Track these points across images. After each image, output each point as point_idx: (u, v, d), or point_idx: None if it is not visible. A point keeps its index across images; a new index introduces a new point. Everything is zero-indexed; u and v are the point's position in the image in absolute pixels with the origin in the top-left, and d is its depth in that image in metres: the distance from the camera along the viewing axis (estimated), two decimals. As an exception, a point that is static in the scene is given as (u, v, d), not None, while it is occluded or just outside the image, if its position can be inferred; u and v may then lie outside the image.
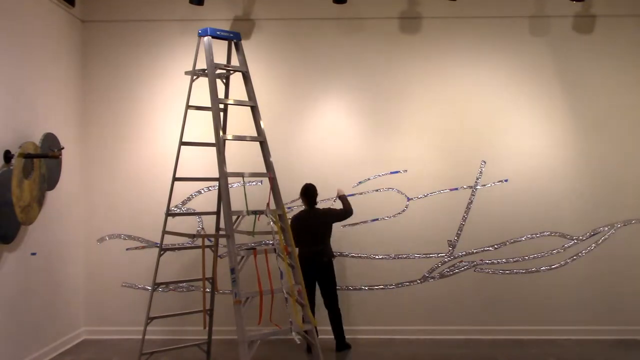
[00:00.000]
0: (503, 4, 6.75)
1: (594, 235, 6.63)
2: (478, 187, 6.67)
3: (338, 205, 6.27)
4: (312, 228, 5.99)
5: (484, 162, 6.68)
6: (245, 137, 5.34)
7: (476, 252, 6.64)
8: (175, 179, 5.23)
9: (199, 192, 6.65)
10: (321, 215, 6.08)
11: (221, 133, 4.96)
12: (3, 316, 5.05)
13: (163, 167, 6.46)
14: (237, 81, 5.47)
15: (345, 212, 6.13)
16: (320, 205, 6.29)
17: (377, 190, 6.69)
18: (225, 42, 5.45)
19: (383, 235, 6.64)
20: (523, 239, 6.64)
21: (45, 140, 5.51)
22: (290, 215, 6.09)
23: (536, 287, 6.62)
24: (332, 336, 6.10)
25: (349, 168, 6.67)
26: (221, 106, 5.33)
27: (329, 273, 6.01)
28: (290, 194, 6.53)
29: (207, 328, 5.39)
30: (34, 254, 5.51)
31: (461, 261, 6.63)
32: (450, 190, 6.67)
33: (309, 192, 6.10)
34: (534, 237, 6.64)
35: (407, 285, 6.65)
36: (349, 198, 6.36)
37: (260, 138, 5.20)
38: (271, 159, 5.18)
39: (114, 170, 6.69)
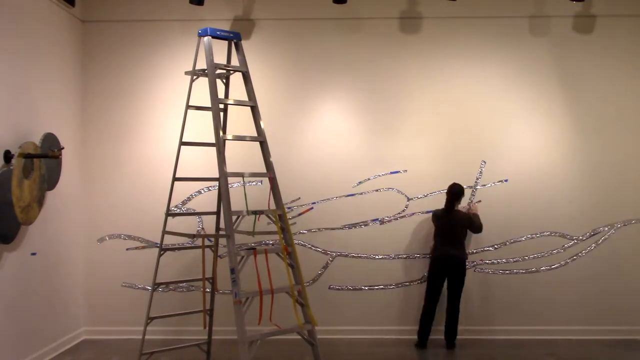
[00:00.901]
0: (503, 4, 6.75)
1: (594, 235, 6.63)
2: (478, 187, 6.67)
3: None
4: (452, 229, 6.18)
5: (484, 162, 6.68)
6: (245, 137, 5.34)
7: (476, 252, 6.64)
8: (175, 179, 5.23)
9: (199, 192, 6.65)
10: (461, 218, 6.24)
11: (221, 133, 4.96)
12: (3, 316, 5.05)
13: (163, 167, 6.46)
14: (237, 81, 5.47)
15: (477, 228, 6.31)
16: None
17: (377, 190, 6.69)
18: (225, 42, 5.45)
19: (383, 235, 6.64)
20: (523, 239, 6.64)
21: (45, 140, 5.51)
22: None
23: (536, 287, 6.62)
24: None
25: (349, 168, 6.67)
26: (221, 106, 5.33)
27: (463, 272, 6.16)
28: (290, 194, 6.54)
29: (207, 328, 5.39)
30: (34, 254, 5.51)
31: (461, 261, 6.63)
32: (450, 190, 6.67)
33: (455, 191, 6.25)
34: (534, 237, 6.64)
35: (407, 285, 6.65)
36: (349, 198, 6.38)
37: (260, 138, 5.20)
38: (271, 159, 5.18)
39: (114, 170, 6.69)
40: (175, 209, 6.54)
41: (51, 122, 5.88)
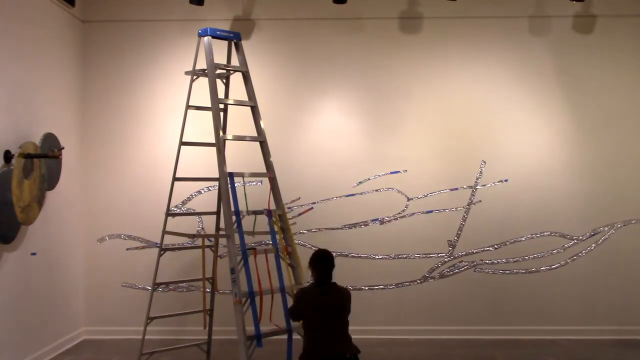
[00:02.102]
0: (503, 4, 6.76)
1: (594, 235, 6.63)
2: (478, 187, 6.67)
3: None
4: (331, 311, 4.01)
5: (484, 162, 6.68)
6: (245, 137, 5.34)
7: (476, 252, 6.64)
8: (175, 179, 5.23)
9: (199, 192, 6.65)
10: (341, 293, 4.12)
11: (221, 133, 4.96)
12: (3, 316, 5.05)
13: (163, 167, 6.46)
14: (237, 81, 5.47)
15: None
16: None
17: (377, 190, 6.68)
18: (225, 42, 5.45)
19: (383, 235, 6.64)
20: (523, 239, 6.64)
21: (45, 140, 5.51)
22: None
23: (536, 287, 6.62)
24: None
25: (349, 168, 6.67)
26: (221, 106, 5.33)
27: None
28: (290, 194, 6.53)
29: (207, 328, 5.39)
30: (34, 254, 5.51)
31: (461, 261, 6.63)
32: (450, 190, 6.67)
33: (327, 261, 4.05)
34: (534, 237, 6.63)
35: (407, 285, 6.65)
36: (349, 198, 6.48)
37: (260, 138, 5.20)
38: (271, 159, 5.18)
39: (114, 170, 6.69)
40: (175, 209, 6.54)
41: (51, 122, 5.88)
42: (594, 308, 6.59)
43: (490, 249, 6.64)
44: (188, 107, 5.21)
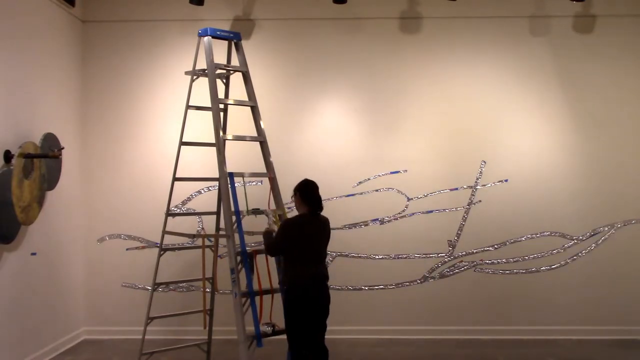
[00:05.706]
0: (503, 4, 6.76)
1: (594, 235, 6.63)
2: (478, 187, 6.67)
3: None
4: (319, 238, 4.45)
5: (484, 162, 6.68)
6: (245, 137, 5.35)
7: (476, 252, 6.64)
8: (175, 179, 5.23)
9: (199, 192, 6.65)
10: (326, 223, 4.55)
11: (221, 133, 4.97)
12: (3, 316, 5.05)
13: (163, 167, 6.46)
14: (237, 81, 5.48)
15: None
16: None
17: (377, 190, 6.69)
18: (225, 42, 5.45)
19: (383, 235, 6.64)
20: (523, 239, 6.64)
21: (45, 140, 5.52)
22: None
23: (536, 287, 6.62)
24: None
25: (349, 168, 6.67)
26: (221, 106, 5.33)
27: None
28: (290, 194, 6.51)
29: (207, 328, 5.39)
30: (34, 254, 5.51)
31: (461, 261, 6.63)
32: (450, 190, 6.67)
33: (317, 189, 4.56)
34: (534, 237, 6.63)
35: (407, 285, 6.65)
36: (349, 198, 6.50)
37: (260, 138, 5.20)
38: (271, 159, 5.19)
39: (114, 170, 6.69)
40: (175, 209, 6.54)
41: (51, 122, 5.88)
42: (594, 308, 6.59)
43: (491, 249, 6.64)
44: (188, 107, 5.22)
